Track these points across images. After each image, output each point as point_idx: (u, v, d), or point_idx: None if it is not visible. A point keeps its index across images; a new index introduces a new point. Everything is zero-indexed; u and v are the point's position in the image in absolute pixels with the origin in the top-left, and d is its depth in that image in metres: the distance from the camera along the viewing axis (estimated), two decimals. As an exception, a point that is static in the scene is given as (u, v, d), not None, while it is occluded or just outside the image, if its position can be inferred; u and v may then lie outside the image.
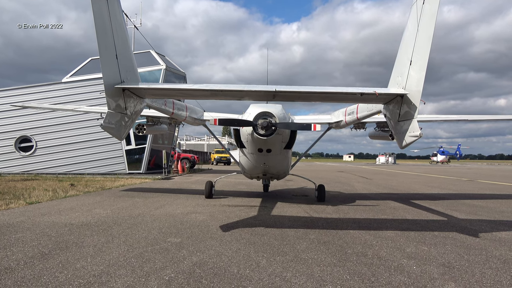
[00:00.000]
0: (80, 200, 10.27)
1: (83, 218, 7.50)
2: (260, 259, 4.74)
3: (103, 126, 5.30)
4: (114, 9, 5.33)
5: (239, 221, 7.51)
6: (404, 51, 5.55)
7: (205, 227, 6.80)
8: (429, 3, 4.96)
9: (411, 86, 5.36)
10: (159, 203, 9.96)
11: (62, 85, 23.16)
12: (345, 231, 6.62)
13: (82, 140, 22.55)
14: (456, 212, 9.21)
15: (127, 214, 8.11)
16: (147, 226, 6.73)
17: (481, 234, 6.47)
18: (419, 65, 5.21)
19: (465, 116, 11.35)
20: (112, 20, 5.25)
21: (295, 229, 6.74)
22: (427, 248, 5.42)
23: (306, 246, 5.44)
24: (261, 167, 10.04)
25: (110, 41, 5.26)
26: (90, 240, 5.63)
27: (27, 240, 5.56)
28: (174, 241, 5.66)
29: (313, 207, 9.69)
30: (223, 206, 9.69)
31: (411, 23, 5.40)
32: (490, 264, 4.69)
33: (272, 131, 8.07)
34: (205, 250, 5.15)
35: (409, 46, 5.38)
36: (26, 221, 7.03)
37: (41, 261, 4.52)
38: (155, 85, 6.23)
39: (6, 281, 3.82)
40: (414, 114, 5.29)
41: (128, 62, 5.85)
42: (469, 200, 11.87)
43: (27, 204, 9.25)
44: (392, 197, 12.48)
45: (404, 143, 5.52)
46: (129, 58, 5.88)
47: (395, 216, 8.48)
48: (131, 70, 5.96)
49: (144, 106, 6.59)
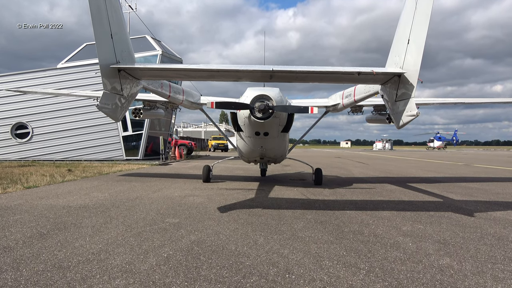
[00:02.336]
0: (78, 185, 10.27)
1: (81, 201, 7.52)
2: (258, 237, 4.78)
3: (99, 106, 5.27)
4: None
5: (236, 203, 7.55)
6: (402, 30, 5.51)
7: (203, 208, 6.84)
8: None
9: (409, 66, 5.34)
10: (156, 187, 9.98)
11: (58, 71, 22.95)
12: (342, 211, 6.67)
13: (79, 126, 22.45)
14: (452, 194, 9.29)
15: (125, 197, 8.14)
16: (145, 208, 6.76)
17: (476, 214, 6.54)
18: (417, 44, 5.18)
19: (462, 99, 11.36)
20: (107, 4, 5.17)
21: (292, 210, 6.78)
22: (422, 227, 5.48)
23: (303, 225, 5.49)
24: (259, 151, 10.05)
25: (105, 20, 5.19)
26: (89, 221, 5.65)
27: (25, 221, 5.58)
28: (172, 221, 5.69)
29: (311, 190, 9.74)
30: (220, 189, 9.73)
31: (409, 3, 5.35)
32: (484, 240, 4.75)
33: (269, 114, 8.05)
34: (203, 229, 5.18)
35: (407, 24, 5.33)
36: (24, 204, 7.04)
37: (40, 240, 4.54)
38: (151, 65, 6.19)
39: (5, 259, 3.84)
40: (411, 94, 5.28)
41: (124, 42, 5.79)
42: (464, 183, 11.97)
43: (25, 188, 9.25)
44: (389, 181, 12.56)
45: (401, 122, 5.53)
46: (124, 39, 5.81)
47: (392, 197, 8.55)
48: (127, 50, 5.89)
49: (140, 88, 6.55)
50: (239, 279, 3.37)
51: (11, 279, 3.30)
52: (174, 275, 3.45)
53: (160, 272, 3.52)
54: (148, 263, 3.75)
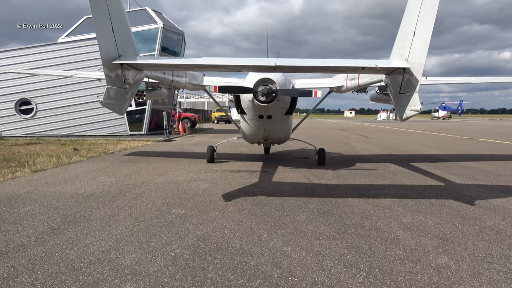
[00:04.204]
0: (84, 167, 10.44)
1: (88, 187, 7.68)
2: (262, 232, 4.92)
3: (103, 103, 5.29)
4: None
5: (240, 189, 7.69)
6: (408, 22, 5.39)
7: (208, 196, 6.98)
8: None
9: (414, 59, 5.27)
10: (162, 169, 10.13)
11: (59, 45, 22.72)
12: (344, 199, 6.80)
13: (83, 102, 22.48)
14: (454, 176, 9.37)
15: (131, 182, 8.29)
16: (151, 196, 6.91)
17: (476, 202, 6.64)
18: (423, 37, 5.09)
19: (467, 78, 11.20)
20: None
21: (295, 197, 6.92)
22: (423, 218, 5.60)
23: (306, 217, 5.62)
24: (262, 133, 10.11)
25: (106, 15, 5.11)
26: (97, 212, 5.81)
27: (36, 213, 5.75)
28: (178, 212, 5.84)
29: (314, 172, 9.85)
30: (224, 171, 9.86)
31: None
32: (483, 235, 4.87)
33: (273, 98, 8.05)
34: (208, 222, 5.33)
35: (413, 16, 5.22)
36: (33, 192, 7.21)
37: (52, 236, 4.71)
38: (154, 60, 6.12)
39: (20, 259, 4.01)
40: (415, 88, 5.24)
41: (125, 34, 5.73)
42: (467, 162, 12.02)
43: (33, 172, 9.43)
44: (392, 159, 12.63)
45: (404, 116, 5.53)
46: (125, 32, 5.74)
47: (394, 181, 8.65)
48: (129, 42, 5.84)
49: (143, 78, 6.53)
50: (244, 283, 3.52)
51: (27, 283, 3.47)
52: (182, 278, 3.61)
53: (169, 274, 3.68)
54: (156, 264, 3.91)
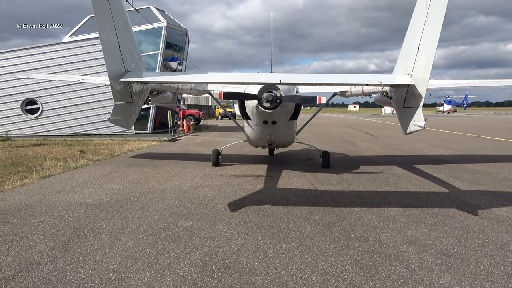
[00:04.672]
0: (91, 172, 10.57)
1: (96, 196, 7.81)
2: (268, 247, 5.02)
3: (111, 120, 5.38)
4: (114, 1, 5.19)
5: (246, 197, 7.78)
6: (412, 36, 5.43)
7: (214, 205, 7.08)
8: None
9: (418, 74, 5.31)
10: (167, 174, 10.25)
11: (63, 45, 22.85)
12: (349, 209, 6.87)
13: (88, 101, 22.64)
14: (458, 181, 9.41)
15: (138, 189, 8.41)
16: (158, 206, 7.02)
17: (480, 211, 6.69)
18: (427, 54, 5.13)
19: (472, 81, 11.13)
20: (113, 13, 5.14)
21: (300, 207, 7.00)
22: (426, 231, 5.67)
23: (311, 230, 5.71)
24: (267, 138, 10.19)
25: (112, 34, 5.19)
26: (106, 225, 5.93)
27: (46, 226, 5.87)
28: (185, 224, 5.95)
29: (318, 177, 9.92)
30: (230, 176, 9.96)
31: (420, 8, 5.22)
32: (486, 251, 4.93)
33: (277, 104, 8.11)
34: (215, 236, 5.43)
35: (417, 32, 5.25)
36: (42, 201, 7.35)
37: (63, 253, 4.83)
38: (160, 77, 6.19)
39: (33, 278, 4.14)
40: (419, 103, 5.29)
41: (131, 50, 5.81)
42: (472, 164, 12.03)
43: (41, 178, 9.57)
44: (396, 161, 12.67)
45: (408, 130, 5.58)
46: (131, 45, 5.83)
47: (398, 187, 8.70)
48: (135, 56, 5.92)
49: (149, 90, 6.61)
50: (251, 305, 3.62)
51: (41, 306, 3.59)
52: (191, 299, 3.71)
53: (177, 295, 3.79)
54: (166, 284, 4.02)
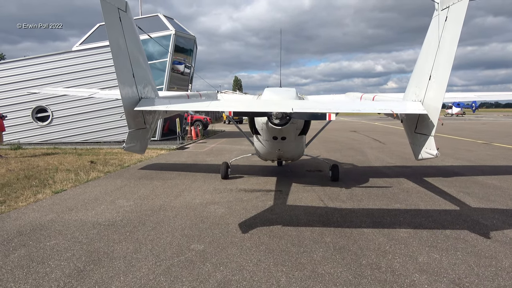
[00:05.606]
0: (103, 186, 10.70)
1: (109, 214, 7.91)
2: (280, 276, 5.06)
3: (125, 148, 5.46)
4: (128, 29, 5.28)
5: (256, 215, 7.82)
6: (424, 63, 5.43)
7: (225, 225, 7.14)
8: (452, 22, 4.75)
9: (430, 101, 5.30)
10: (178, 188, 10.33)
11: (73, 53, 23.15)
12: (360, 230, 6.88)
13: (97, 109, 22.88)
14: (469, 196, 9.36)
15: (149, 206, 8.50)
16: (170, 226, 7.09)
17: (492, 234, 6.66)
18: (439, 82, 5.12)
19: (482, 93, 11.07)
20: (127, 41, 5.22)
21: (311, 227, 7.03)
22: (438, 257, 5.66)
23: (322, 255, 5.74)
24: (276, 153, 10.24)
25: (127, 63, 5.27)
26: (119, 248, 6.01)
27: (61, 249, 5.97)
28: (197, 248, 6.01)
29: (328, 191, 9.94)
30: (239, 191, 10.01)
31: (432, 36, 5.23)
32: (499, 280, 4.92)
33: (287, 120, 8.17)
34: (227, 262, 5.49)
35: (429, 60, 5.25)
36: (56, 220, 7.46)
37: (79, 281, 4.91)
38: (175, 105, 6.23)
39: (51, 310, 4.22)
40: (431, 131, 5.28)
41: (144, 75, 5.90)
42: (482, 176, 11.96)
43: (53, 193, 9.70)
44: (405, 173, 12.64)
45: (420, 156, 5.58)
46: (145, 71, 5.92)
47: (408, 204, 8.69)
48: (148, 82, 6.01)
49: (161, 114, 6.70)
50: None
51: None
52: (206, 335, 3.76)
53: (193, 331, 3.84)
54: (181, 317, 4.08)
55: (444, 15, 4.84)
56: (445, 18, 4.83)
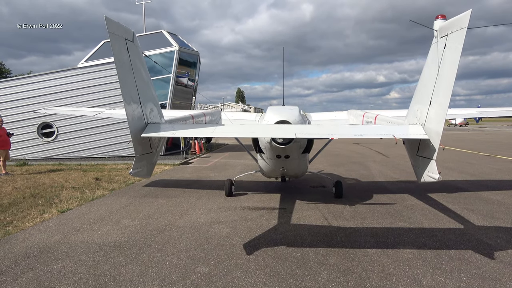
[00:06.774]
0: (108, 204, 10.79)
1: (114, 234, 7.98)
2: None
3: (132, 174, 5.56)
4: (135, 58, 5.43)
5: (261, 236, 7.87)
6: (424, 88, 5.53)
7: (230, 246, 7.19)
8: (451, 50, 4.86)
9: (431, 126, 5.39)
10: (182, 207, 10.40)
11: (79, 70, 23.46)
12: (364, 250, 6.91)
13: (101, 124, 23.08)
14: (473, 214, 9.37)
15: (154, 226, 8.56)
16: (175, 248, 7.15)
17: (496, 254, 6.67)
18: (440, 107, 5.20)
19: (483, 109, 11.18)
20: (134, 70, 5.37)
21: (315, 248, 7.06)
22: (442, 279, 5.68)
23: (327, 278, 5.77)
24: (280, 171, 10.32)
25: (134, 91, 5.41)
26: (125, 271, 6.07)
27: (68, 272, 6.04)
28: (202, 271, 6.05)
29: (331, 209, 9.97)
30: (244, 209, 10.06)
31: (431, 62, 5.33)
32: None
33: (290, 139, 8.25)
34: (232, 286, 5.53)
35: (429, 85, 5.35)
36: (62, 242, 7.54)
37: (86, 306, 4.97)
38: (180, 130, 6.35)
39: (59, 338, 4.28)
40: (433, 155, 5.35)
41: (150, 99, 6.03)
42: (486, 192, 11.96)
43: (59, 213, 9.80)
44: (409, 189, 12.66)
45: (422, 179, 5.64)
46: (151, 96, 6.05)
47: (412, 223, 8.71)
48: (154, 106, 6.14)
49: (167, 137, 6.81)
50: None
51: None
52: None
53: None
54: None
55: (443, 43, 4.95)
56: (444, 46, 4.94)
